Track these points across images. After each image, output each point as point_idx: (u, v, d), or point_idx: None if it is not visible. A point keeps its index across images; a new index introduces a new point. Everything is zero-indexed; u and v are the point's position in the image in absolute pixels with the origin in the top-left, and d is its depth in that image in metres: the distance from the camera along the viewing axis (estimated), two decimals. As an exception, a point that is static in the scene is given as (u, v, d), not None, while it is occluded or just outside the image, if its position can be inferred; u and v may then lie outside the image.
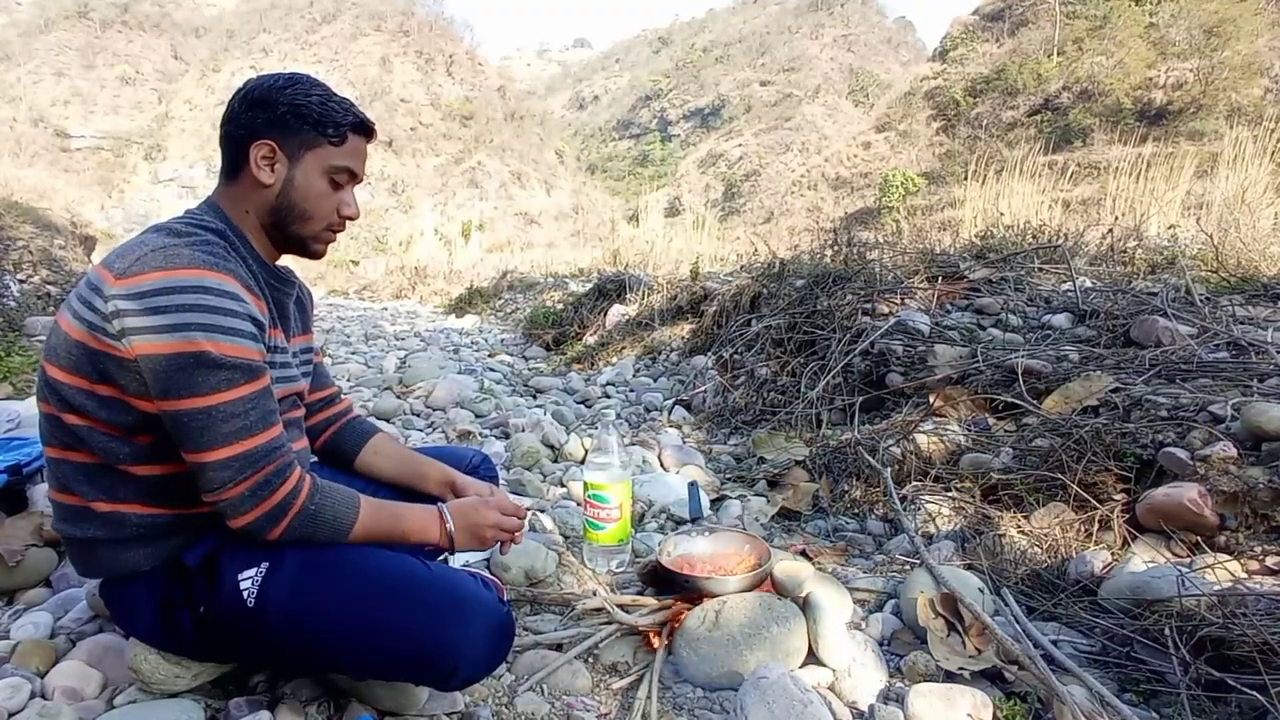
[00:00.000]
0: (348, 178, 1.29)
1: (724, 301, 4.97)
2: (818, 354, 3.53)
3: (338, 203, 1.29)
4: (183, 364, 1.05)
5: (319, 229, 1.29)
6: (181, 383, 1.06)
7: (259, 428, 1.12)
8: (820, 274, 4.27)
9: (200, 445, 1.09)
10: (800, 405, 3.17)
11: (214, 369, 1.07)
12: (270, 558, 1.18)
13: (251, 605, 1.16)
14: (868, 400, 3.08)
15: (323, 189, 1.27)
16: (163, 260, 1.08)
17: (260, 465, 1.12)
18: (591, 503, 1.85)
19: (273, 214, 1.26)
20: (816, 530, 2.31)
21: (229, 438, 1.09)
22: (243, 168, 1.25)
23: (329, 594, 1.16)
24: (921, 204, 18.80)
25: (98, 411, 1.13)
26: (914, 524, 2.13)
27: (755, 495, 2.56)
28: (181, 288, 1.06)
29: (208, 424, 1.08)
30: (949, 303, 3.89)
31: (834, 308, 3.76)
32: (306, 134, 1.24)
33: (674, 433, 3.44)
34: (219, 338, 1.07)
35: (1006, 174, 7.60)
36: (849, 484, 2.49)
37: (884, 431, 2.71)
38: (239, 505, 1.12)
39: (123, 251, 1.12)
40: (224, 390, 1.08)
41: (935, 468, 2.40)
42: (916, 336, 3.38)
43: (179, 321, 1.05)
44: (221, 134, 1.27)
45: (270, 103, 1.23)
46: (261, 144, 1.23)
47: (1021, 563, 1.84)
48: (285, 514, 1.16)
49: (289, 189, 1.25)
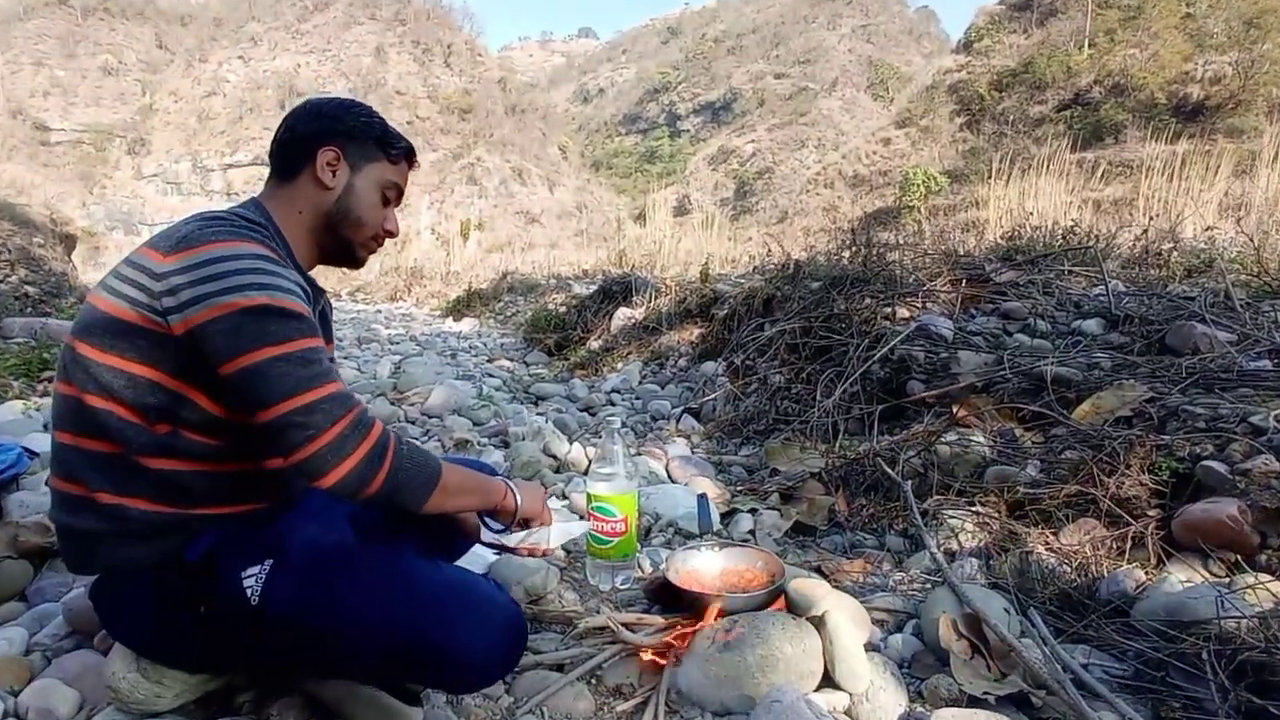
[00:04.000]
0: (396, 196, 1.47)
1: (735, 305, 4.97)
2: (834, 360, 3.53)
3: (384, 217, 1.46)
4: (252, 318, 1.11)
5: (367, 237, 1.44)
6: (254, 335, 1.11)
7: (335, 376, 1.17)
8: (837, 276, 4.27)
9: (285, 392, 1.11)
10: (816, 414, 3.17)
11: (283, 318, 1.13)
12: (274, 555, 1.20)
13: (255, 603, 1.17)
14: (887, 409, 3.08)
15: (376, 200, 1.43)
16: (211, 235, 1.16)
17: (349, 406, 1.15)
18: (595, 515, 1.85)
19: (328, 217, 1.40)
20: (833, 546, 2.30)
21: (313, 380, 1.13)
22: (303, 170, 1.38)
23: (336, 591, 1.18)
24: (944, 203, 18.80)
25: (124, 391, 1.16)
26: (936, 540, 2.12)
27: (768, 509, 2.56)
28: (235, 255, 1.14)
29: (289, 369, 1.12)
30: (973, 307, 3.89)
31: (851, 312, 3.76)
32: (370, 148, 1.42)
33: (682, 442, 3.44)
34: (279, 295, 1.14)
35: (1034, 172, 7.59)
36: (867, 498, 2.49)
37: (904, 442, 2.70)
38: (339, 450, 1.13)
39: (168, 233, 1.19)
40: (296, 338, 1.14)
41: (958, 481, 2.39)
42: (939, 342, 3.37)
43: (238, 283, 1.12)
44: (282, 138, 1.40)
45: (339, 116, 1.40)
46: (329, 149, 1.38)
47: (1050, 582, 1.83)
48: (384, 457, 1.17)
49: (349, 195, 1.40)
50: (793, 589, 1.66)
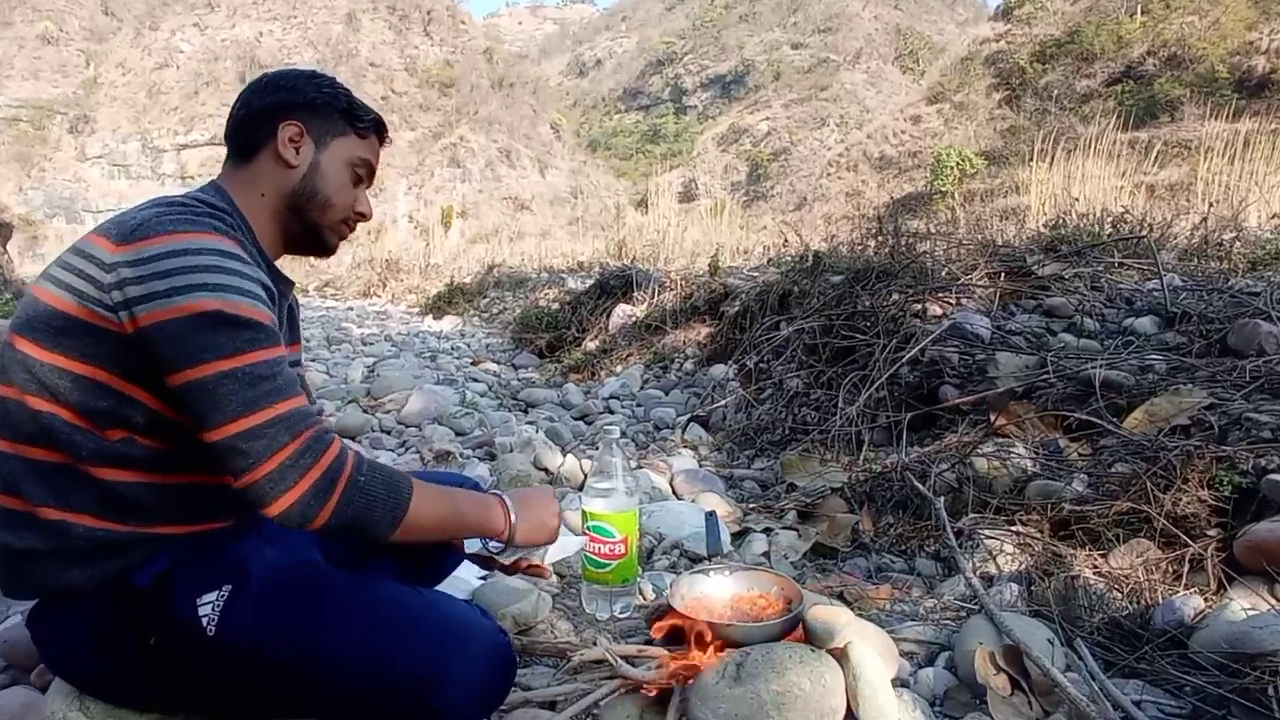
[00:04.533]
0: (367, 174, 1.47)
1: (748, 301, 4.97)
2: (858, 363, 3.53)
3: (355, 198, 1.46)
4: (200, 325, 1.11)
5: (336, 220, 1.44)
6: (202, 345, 1.11)
7: (289, 392, 1.16)
8: (862, 269, 4.27)
9: (228, 414, 1.11)
10: (837, 423, 3.17)
11: (234, 328, 1.13)
12: (234, 579, 1.20)
13: (212, 634, 1.17)
14: (917, 417, 3.08)
15: (344, 180, 1.43)
16: (169, 225, 1.16)
17: (298, 430, 1.15)
18: (591, 536, 1.85)
19: (293, 198, 1.39)
20: (856, 570, 2.31)
21: (259, 401, 1.13)
22: (263, 148, 1.38)
23: (302, 621, 1.18)
24: (980, 188, 18.82)
25: (70, 394, 1.16)
26: (971, 563, 2.12)
27: (784, 528, 2.56)
28: (191, 250, 1.14)
29: (234, 389, 1.12)
30: (1013, 303, 3.89)
31: (878, 309, 3.77)
32: (335, 122, 1.42)
33: (689, 454, 3.44)
34: (235, 298, 1.14)
35: (1080, 153, 7.60)
36: (895, 516, 2.49)
37: (936, 454, 2.70)
38: (280, 480, 1.13)
39: (121, 220, 1.19)
40: (248, 351, 1.13)
41: (997, 497, 2.39)
42: (975, 342, 3.38)
43: (191, 283, 1.12)
44: (238, 115, 1.40)
45: (299, 88, 1.40)
46: (290, 124, 1.38)
47: (1098, 609, 1.83)
48: (334, 487, 1.16)
49: (314, 174, 1.40)
50: (812, 618, 1.66)
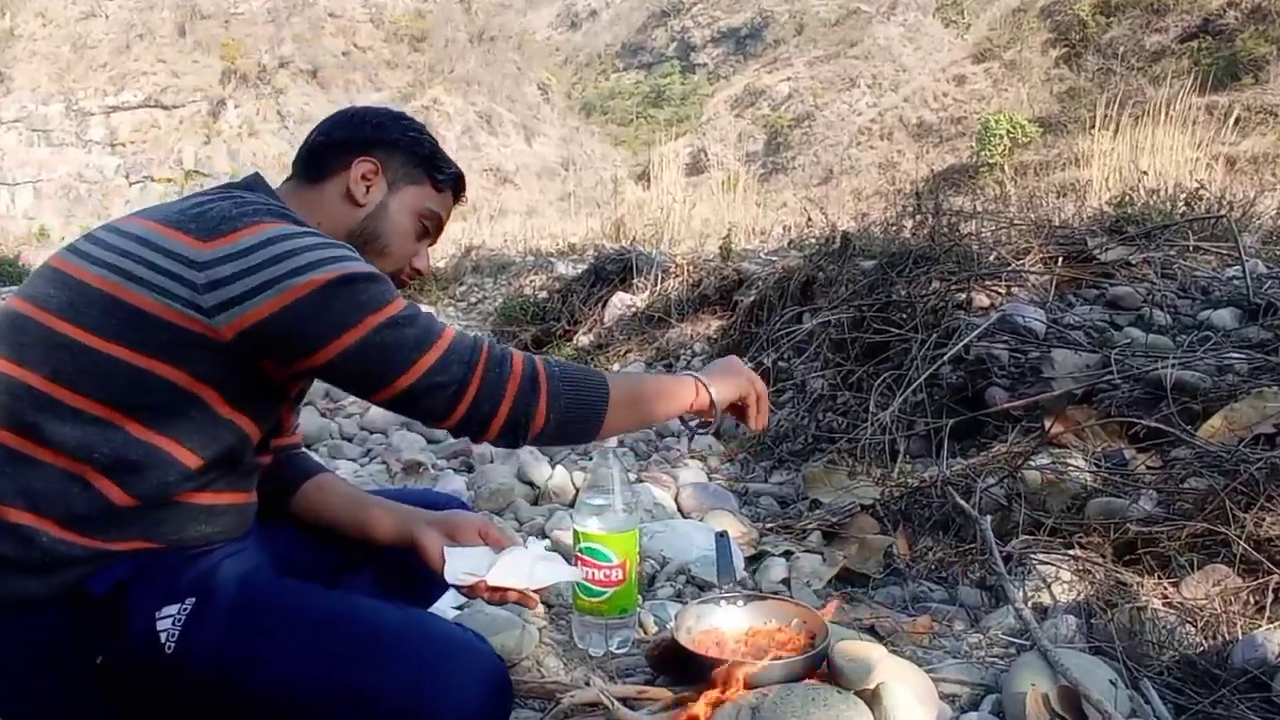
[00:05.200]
0: (434, 229, 1.59)
1: (765, 289, 4.97)
2: (892, 361, 3.53)
3: (415, 251, 1.57)
4: (333, 294, 1.21)
5: (389, 271, 1.50)
6: (346, 310, 1.22)
7: (441, 323, 1.30)
8: (897, 253, 4.27)
9: (406, 360, 1.24)
10: (869, 430, 3.18)
11: (368, 284, 1.25)
12: (198, 593, 1.22)
13: (170, 652, 1.18)
14: (960, 424, 3.08)
15: (408, 229, 1.54)
16: (254, 215, 1.26)
17: (477, 348, 1.29)
18: (584, 560, 1.85)
19: (351, 237, 1.47)
20: (890, 599, 2.31)
21: (427, 337, 1.25)
22: (333, 177, 1.49)
23: (275, 639, 1.20)
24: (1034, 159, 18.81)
25: (113, 388, 1.20)
26: (1022, 592, 2.13)
27: (806, 551, 2.57)
28: (287, 235, 1.24)
29: (399, 335, 1.24)
30: (1072, 292, 3.89)
31: (915, 299, 3.77)
32: (414, 168, 1.53)
33: (696, 466, 3.44)
34: (350, 263, 1.25)
35: (1150, 120, 7.59)
36: (934, 538, 2.49)
37: (982, 467, 2.71)
38: (490, 400, 1.27)
39: (192, 214, 1.26)
40: (390, 299, 1.26)
41: (1052, 516, 2.40)
42: (1027, 338, 3.38)
43: (305, 262, 1.21)
44: (313, 142, 1.53)
45: (385, 126, 1.52)
46: (367, 160, 1.49)
47: (1168, 645, 1.83)
48: (537, 389, 1.30)
49: (379, 216, 1.50)
50: (839, 655, 1.66)
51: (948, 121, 32.67)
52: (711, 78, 60.02)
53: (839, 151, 37.75)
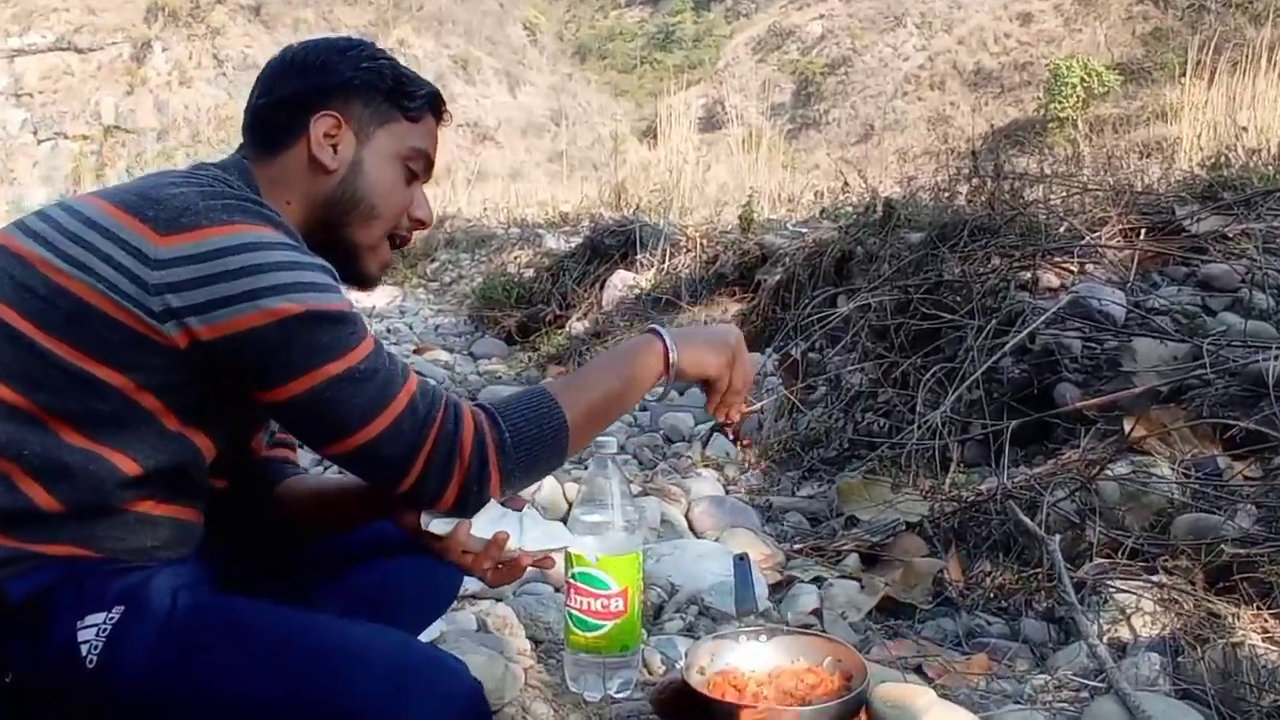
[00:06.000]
0: (423, 168, 1.56)
1: (794, 267, 4.97)
2: (944, 352, 3.53)
3: (409, 200, 1.55)
4: (297, 330, 1.22)
5: (380, 235, 1.53)
6: (306, 352, 1.23)
7: (404, 373, 1.31)
8: (950, 223, 4.27)
9: (356, 420, 1.25)
10: (915, 434, 3.18)
11: (335, 325, 1.26)
12: (128, 601, 1.22)
13: (91, 666, 1.19)
14: (1024, 427, 3.08)
15: (395, 179, 1.52)
16: (222, 213, 1.25)
17: (432, 411, 1.30)
18: (578, 587, 1.86)
19: (327, 209, 1.48)
20: (940, 633, 2.31)
21: (384, 395, 1.27)
22: (290, 144, 1.47)
23: (217, 655, 1.21)
24: (1113, 113, 18.74)
25: (51, 385, 1.22)
26: (1097, 625, 2.13)
27: (842, 577, 2.57)
28: (261, 244, 1.24)
29: (354, 391, 1.25)
30: (1157, 270, 3.88)
31: (971, 278, 3.77)
32: (380, 106, 1.50)
33: (711, 476, 3.44)
34: (324, 296, 1.26)
35: (1250, 67, 7.57)
36: (992, 561, 2.49)
37: (1050, 477, 2.70)
38: (438, 475, 1.30)
39: (151, 198, 1.26)
40: (354, 346, 1.27)
41: (1132, 536, 2.40)
42: (1104, 324, 3.37)
43: (274, 283, 1.22)
44: (257, 106, 1.50)
45: (332, 67, 1.48)
46: (325, 116, 1.46)
47: (1269, 688, 1.84)
48: (486, 457, 1.32)
49: (355, 176, 1.48)
50: (880, 699, 1.67)
51: (1010, 68, 32.56)
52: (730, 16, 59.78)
53: (881, 104, 37.63)
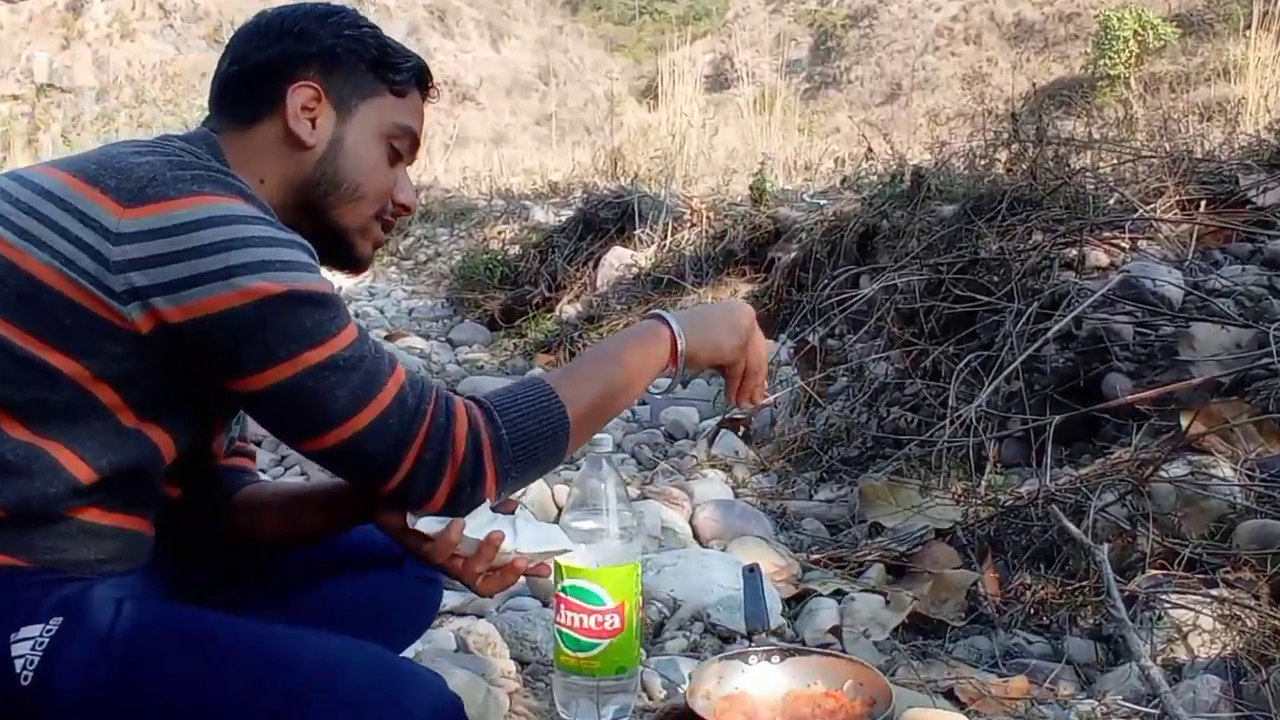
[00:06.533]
0: (408, 147, 1.58)
1: (811, 243, 4.96)
2: (979, 338, 3.53)
3: (392, 184, 1.56)
4: (275, 312, 1.23)
5: (366, 217, 1.54)
6: (284, 337, 1.23)
7: (390, 362, 1.32)
8: (987, 194, 4.27)
9: (340, 413, 1.26)
10: (947, 430, 3.17)
11: (316, 308, 1.26)
12: (66, 610, 1.23)
13: (26, 684, 1.19)
14: (1069, 422, 3.08)
15: (377, 159, 1.53)
16: (191, 184, 1.25)
17: (423, 404, 1.30)
18: (569, 601, 1.86)
19: (306, 190, 1.49)
20: (974, 654, 2.31)
21: (371, 386, 1.27)
22: (266, 117, 1.47)
23: (163, 670, 1.21)
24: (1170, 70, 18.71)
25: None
26: (1150, 644, 2.13)
27: (864, 591, 2.57)
28: (234, 217, 1.25)
29: (338, 380, 1.25)
30: (1219, 247, 3.88)
31: (1010, 255, 3.76)
32: (363, 78, 1.52)
33: (719, 477, 3.44)
34: (303, 275, 1.27)
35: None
36: (1033, 572, 2.49)
37: (1098, 479, 2.70)
38: (428, 474, 1.30)
39: (114, 167, 1.26)
40: (337, 332, 1.27)
41: (1189, 544, 2.40)
42: (1159, 308, 3.36)
43: (249, 260, 1.22)
44: (227, 74, 1.51)
45: (312, 32, 1.49)
46: (304, 86, 1.46)
47: (1344, 716, 1.84)
48: (482, 460, 1.33)
49: (336, 154, 1.49)
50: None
51: (1055, 20, 32.48)
52: (740, -39, 59.70)
53: (909, 60, 37.55)
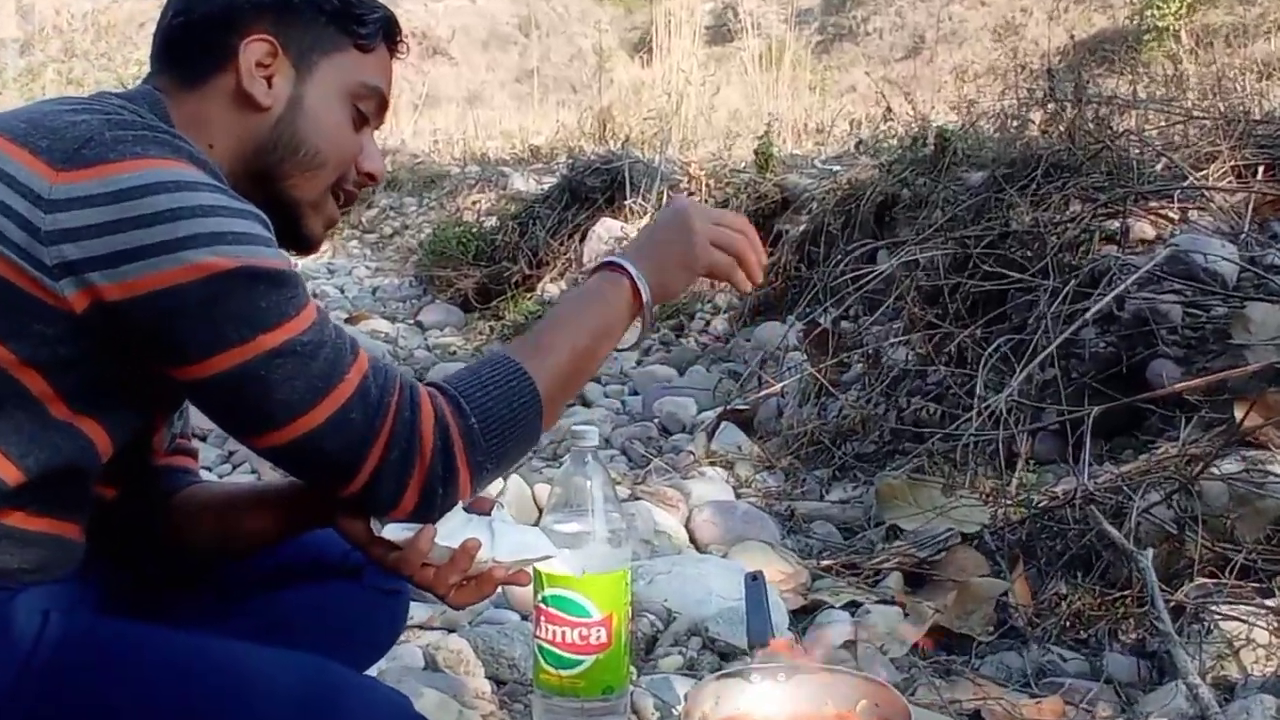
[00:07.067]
0: (374, 109, 1.56)
1: (823, 214, 4.96)
2: (1010, 320, 3.52)
3: (357, 149, 1.54)
4: (225, 291, 1.20)
5: (324, 188, 1.52)
6: (235, 319, 1.20)
7: (351, 348, 1.30)
8: (1019, 160, 4.26)
9: (296, 406, 1.24)
10: (974, 422, 3.17)
11: (271, 287, 1.24)
12: None
13: None
14: (1109, 414, 3.08)
15: (341, 120, 1.51)
16: (133, 146, 1.22)
17: (386, 394, 1.28)
18: (550, 613, 1.86)
19: (260, 155, 1.46)
20: (1003, 671, 2.31)
21: (331, 376, 1.25)
22: (216, 75, 1.44)
23: (92, 688, 1.22)
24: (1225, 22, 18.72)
25: None
26: (1198, 661, 2.13)
27: (880, 602, 2.57)
28: (181, 183, 1.22)
29: (294, 369, 1.23)
30: (1277, 219, 3.88)
31: (1045, 228, 3.76)
32: (324, 31, 1.48)
33: (718, 475, 3.44)
34: (257, 249, 1.24)
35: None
36: (1069, 581, 2.49)
37: (1142, 477, 2.70)
38: (395, 476, 1.28)
39: (46, 127, 1.24)
40: (294, 314, 1.25)
41: (1244, 549, 2.40)
42: (1211, 286, 3.36)
43: (196, 231, 1.19)
44: (171, 26, 1.47)
45: None
46: (258, 40, 1.43)
47: None
48: (453, 455, 1.30)
49: (294, 116, 1.46)
50: (926, 751, 1.67)
51: (1095, -33, 32.48)
52: (744, -102, 59.56)
53: (933, 9, 37.50)
